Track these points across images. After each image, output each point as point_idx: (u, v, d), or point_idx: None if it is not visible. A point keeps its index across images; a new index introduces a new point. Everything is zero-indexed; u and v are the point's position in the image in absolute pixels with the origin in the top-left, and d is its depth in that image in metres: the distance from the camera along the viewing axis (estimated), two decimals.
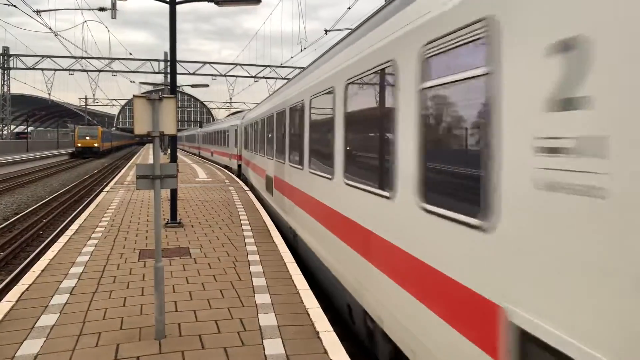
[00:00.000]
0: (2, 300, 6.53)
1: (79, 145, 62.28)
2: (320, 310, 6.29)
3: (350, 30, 6.98)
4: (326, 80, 7.37)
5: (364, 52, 5.69)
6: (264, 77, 63.49)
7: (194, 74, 61.01)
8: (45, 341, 5.26)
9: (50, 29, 42.51)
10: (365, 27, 6.02)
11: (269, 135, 14.12)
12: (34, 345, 5.15)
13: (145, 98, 5.56)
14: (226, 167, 31.80)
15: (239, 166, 26.64)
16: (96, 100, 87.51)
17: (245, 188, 20.18)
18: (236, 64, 62.57)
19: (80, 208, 19.90)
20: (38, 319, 5.87)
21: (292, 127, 10.38)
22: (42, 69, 62.18)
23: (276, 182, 12.74)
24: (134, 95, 5.58)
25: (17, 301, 6.48)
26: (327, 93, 7.26)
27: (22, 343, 5.21)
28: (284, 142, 11.42)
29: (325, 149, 7.36)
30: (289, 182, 10.75)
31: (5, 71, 63.60)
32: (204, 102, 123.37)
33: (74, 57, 59.99)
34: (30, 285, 7.16)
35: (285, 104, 11.32)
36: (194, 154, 56.95)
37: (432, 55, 3.90)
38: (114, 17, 46.02)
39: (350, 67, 6.16)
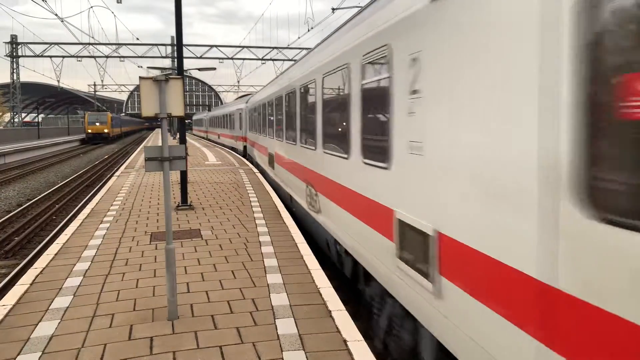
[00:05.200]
0: (17, 283, 6.60)
1: (89, 131, 62.58)
2: (332, 289, 6.29)
3: None
4: None
5: None
6: (271, 59, 63.10)
7: (200, 57, 60.79)
8: (59, 322, 5.32)
9: (56, 15, 42.43)
10: None
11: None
12: (49, 327, 5.20)
13: (152, 79, 5.50)
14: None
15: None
16: (105, 87, 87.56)
17: (255, 170, 20.17)
18: (243, 47, 62.21)
19: (92, 193, 20.04)
20: (52, 301, 5.93)
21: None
22: (51, 56, 62.27)
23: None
24: (140, 77, 5.53)
25: (31, 284, 6.55)
26: None
27: (37, 324, 5.26)
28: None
29: None
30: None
31: (14, 59, 63.82)
32: (212, 86, 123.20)
33: (82, 44, 60.01)
34: (44, 268, 7.23)
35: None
36: (202, 137, 58.77)
37: None
38: (119, 1, 45.89)
39: None
